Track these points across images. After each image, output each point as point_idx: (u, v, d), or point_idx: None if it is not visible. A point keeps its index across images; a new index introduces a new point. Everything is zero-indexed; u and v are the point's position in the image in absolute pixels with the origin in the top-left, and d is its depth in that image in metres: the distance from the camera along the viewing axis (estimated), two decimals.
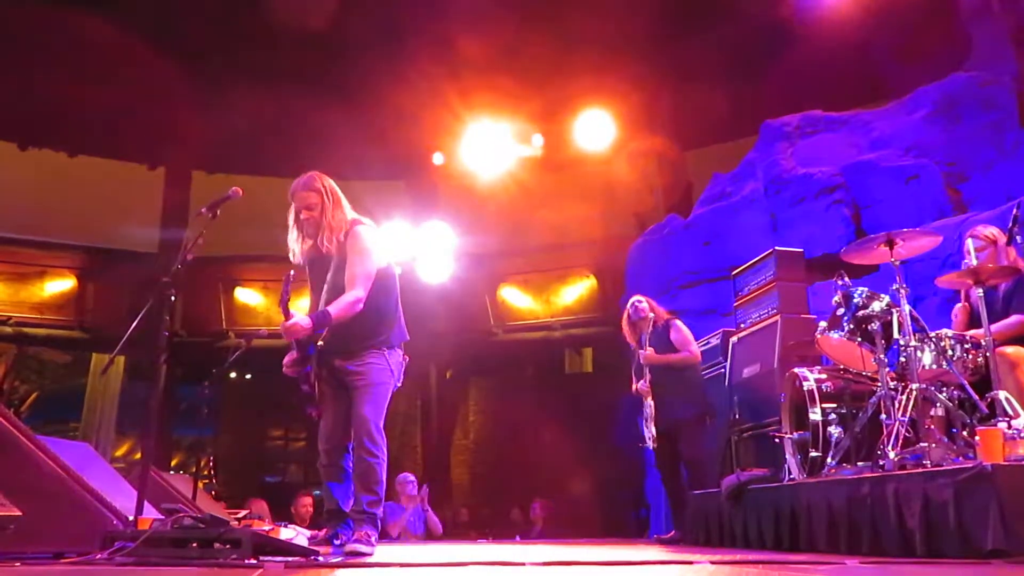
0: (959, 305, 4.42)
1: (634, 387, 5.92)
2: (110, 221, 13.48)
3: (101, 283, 13.44)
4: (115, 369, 13.18)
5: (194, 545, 2.98)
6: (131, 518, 3.45)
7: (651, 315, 5.82)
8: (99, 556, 3.02)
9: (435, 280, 12.08)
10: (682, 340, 5.79)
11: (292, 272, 3.77)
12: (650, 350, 5.69)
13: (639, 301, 6.00)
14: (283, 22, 11.25)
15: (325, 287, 3.80)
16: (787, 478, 4.46)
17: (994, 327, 3.85)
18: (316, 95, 12.27)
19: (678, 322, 5.93)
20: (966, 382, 3.76)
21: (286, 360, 3.80)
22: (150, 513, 3.65)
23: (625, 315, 6.07)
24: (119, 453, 14.68)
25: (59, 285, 13.27)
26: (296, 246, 3.88)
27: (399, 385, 3.85)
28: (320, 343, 3.76)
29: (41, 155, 13.46)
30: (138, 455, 13.87)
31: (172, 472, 10.76)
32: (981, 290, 3.75)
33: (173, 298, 3.69)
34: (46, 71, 11.78)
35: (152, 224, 14.10)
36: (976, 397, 3.69)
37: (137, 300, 12.41)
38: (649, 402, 5.71)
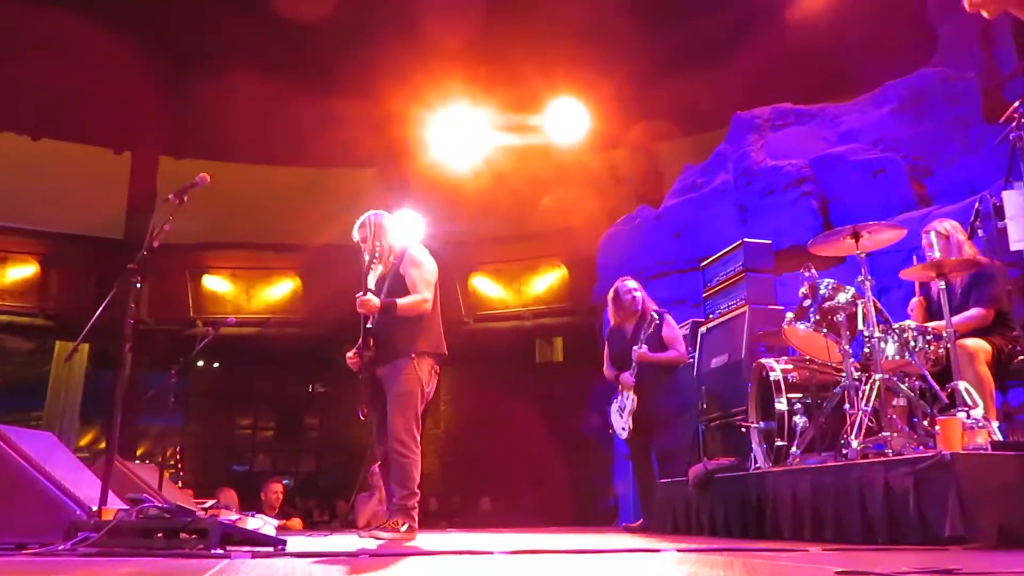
0: (916, 299, 4.48)
1: (609, 372, 5.86)
2: (74, 206, 13.24)
3: (65, 269, 13.22)
4: (79, 357, 12.97)
5: (159, 535, 2.95)
6: (95, 508, 3.40)
7: (652, 312, 5.74)
8: (62, 547, 2.98)
9: None
10: (673, 337, 5.74)
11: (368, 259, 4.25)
12: (644, 348, 5.61)
13: (635, 290, 5.85)
14: (252, 9, 11.11)
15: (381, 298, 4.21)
16: (753, 467, 4.52)
17: (954, 319, 3.92)
18: (286, 82, 12.14)
19: (669, 318, 5.84)
20: (927, 373, 3.83)
21: (350, 354, 4.22)
22: (114, 503, 3.61)
23: (614, 293, 5.92)
24: (83, 442, 14.47)
25: (21, 271, 13.03)
26: (368, 270, 4.33)
27: (430, 392, 4.20)
28: (368, 352, 4.15)
29: (3, 138, 13.18)
30: (103, 444, 13.68)
31: (138, 461, 10.63)
32: (943, 283, 3.82)
33: (139, 285, 3.65)
34: (7, 54, 11.51)
35: (118, 210, 13.88)
36: (937, 387, 3.77)
37: (102, 287, 12.26)
38: (631, 395, 5.63)
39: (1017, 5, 1.84)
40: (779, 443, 4.29)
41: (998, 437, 3.38)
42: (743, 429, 4.76)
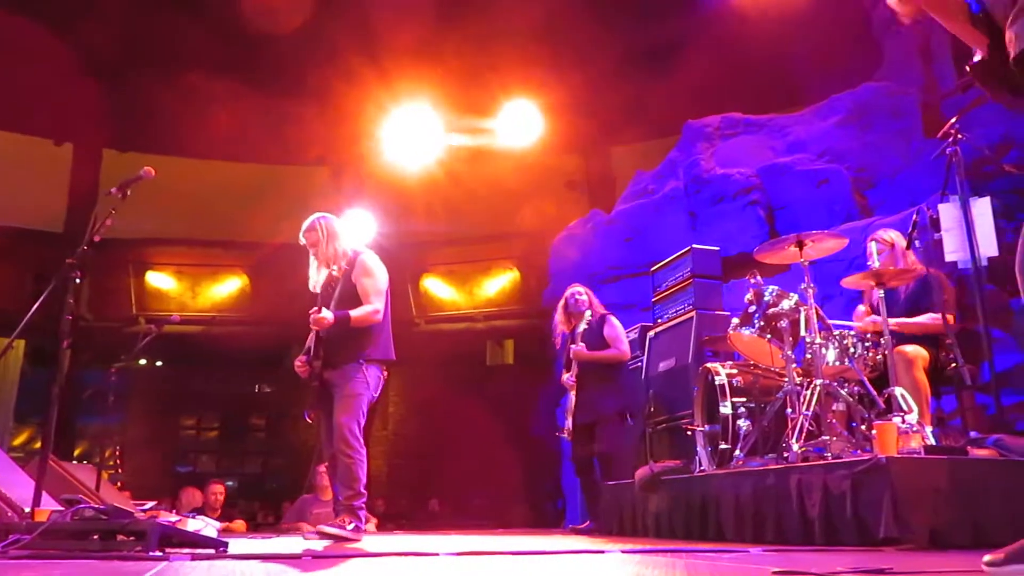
0: (863, 307, 4.62)
1: (563, 378, 5.96)
2: (11, 198, 12.80)
3: (1, 263, 12.77)
4: (14, 354, 12.56)
5: (95, 537, 2.87)
6: (27, 510, 3.29)
7: (588, 311, 5.83)
8: None
9: None
10: (614, 336, 5.81)
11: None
12: (581, 345, 5.69)
13: (579, 293, 5.96)
14: (203, 6, 10.91)
15: (332, 306, 4.23)
16: (698, 469, 4.59)
17: (908, 320, 4.04)
18: (236, 78, 11.93)
19: (613, 318, 5.94)
20: (866, 379, 3.94)
21: (297, 361, 4.24)
22: (49, 504, 3.50)
23: (563, 302, 6.02)
24: (17, 442, 14.00)
25: None
26: (316, 277, 4.35)
27: (375, 397, 4.24)
28: (317, 361, 4.17)
29: None
30: (38, 444, 13.25)
31: (75, 462, 10.33)
32: (882, 291, 3.93)
33: (79, 280, 3.56)
34: None
35: (58, 203, 13.48)
36: (874, 393, 3.88)
37: (40, 282, 11.89)
38: (571, 396, 5.76)
39: (935, 7, 1.88)
40: (723, 446, 4.36)
41: (931, 442, 3.50)
42: (689, 432, 4.83)
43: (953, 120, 4.18)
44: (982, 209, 4.25)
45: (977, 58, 1.80)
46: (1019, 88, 1.70)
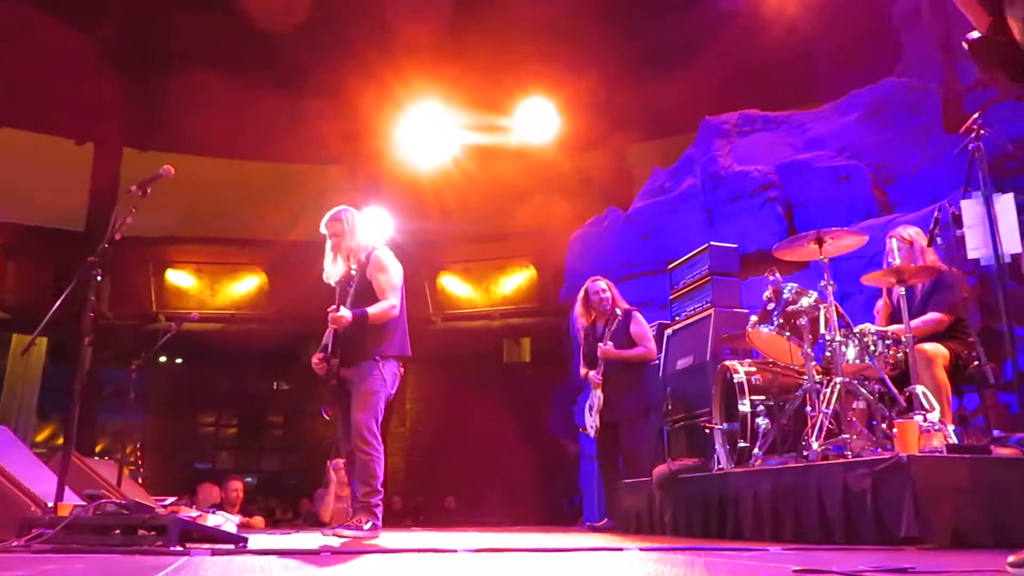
0: (881, 301, 4.58)
1: (583, 372, 5.90)
2: (33, 197, 12.94)
3: (23, 261, 12.94)
4: (36, 351, 12.70)
5: (117, 532, 2.90)
6: (50, 504, 3.33)
7: (617, 309, 5.78)
8: (15, 543, 2.92)
9: None
10: (641, 334, 5.76)
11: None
12: (610, 344, 5.64)
13: (603, 290, 5.87)
14: (220, 6, 10.98)
15: (348, 303, 4.24)
16: (716, 468, 4.56)
17: (912, 322, 4.01)
18: (253, 77, 12.00)
19: (638, 314, 5.88)
20: (886, 377, 3.90)
21: (314, 358, 4.25)
22: (71, 499, 3.54)
23: (583, 293, 5.95)
24: (40, 438, 14.17)
25: None
26: (331, 269, 4.37)
27: (392, 393, 4.24)
28: (335, 359, 4.18)
29: None
30: (60, 440, 13.41)
31: (97, 458, 10.44)
32: (903, 288, 3.89)
33: (99, 278, 3.60)
34: None
35: (79, 201, 13.61)
36: (895, 391, 3.84)
37: (61, 280, 12.02)
38: (598, 393, 5.69)
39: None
40: (742, 444, 4.33)
41: (953, 440, 3.46)
42: (707, 430, 4.81)
43: (976, 115, 4.12)
44: (1006, 206, 4.19)
45: (976, 35, 1.79)
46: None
